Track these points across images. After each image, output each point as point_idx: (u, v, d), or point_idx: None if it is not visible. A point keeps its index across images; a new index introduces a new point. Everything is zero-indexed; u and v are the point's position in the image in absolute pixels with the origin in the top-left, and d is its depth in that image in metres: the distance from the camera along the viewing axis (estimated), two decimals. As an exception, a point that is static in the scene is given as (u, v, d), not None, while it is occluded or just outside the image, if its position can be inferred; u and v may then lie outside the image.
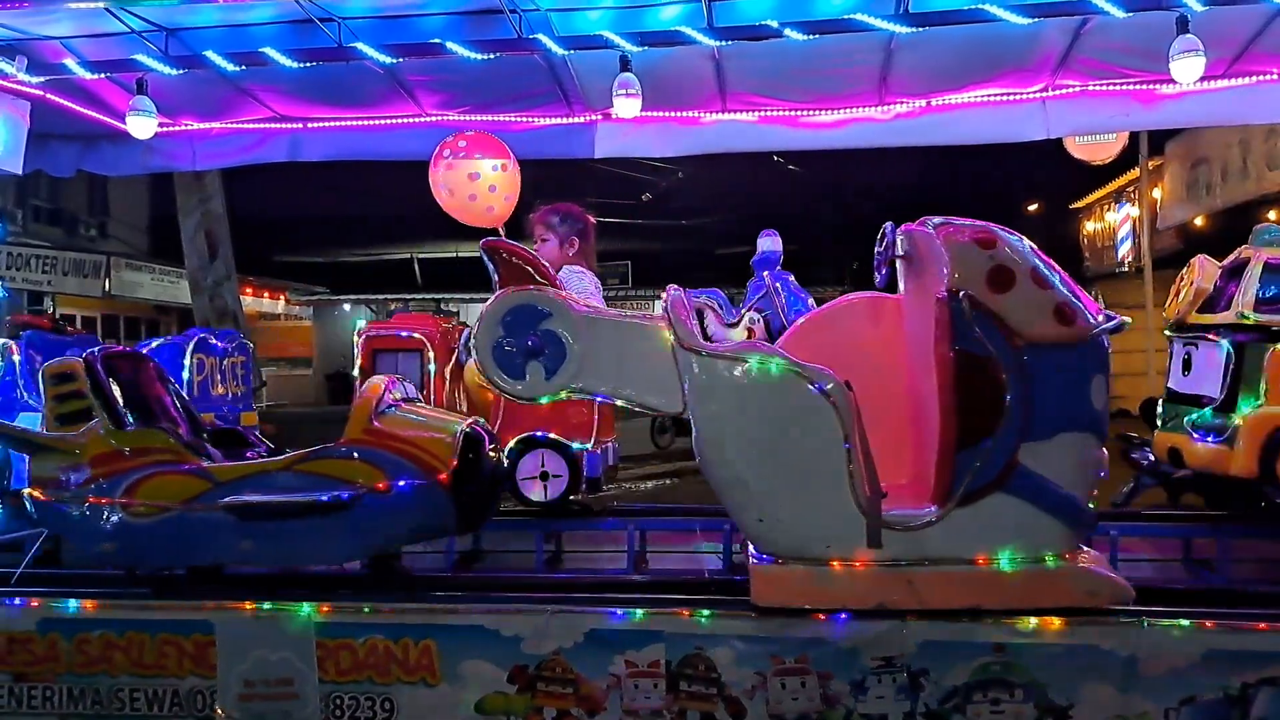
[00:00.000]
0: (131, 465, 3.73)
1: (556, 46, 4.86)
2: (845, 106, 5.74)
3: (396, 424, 3.74)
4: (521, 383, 3.42)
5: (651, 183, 28.64)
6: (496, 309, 3.45)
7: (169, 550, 3.78)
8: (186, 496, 3.69)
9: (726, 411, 3.36)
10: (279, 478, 3.69)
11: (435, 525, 3.80)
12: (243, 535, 3.68)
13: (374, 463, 3.64)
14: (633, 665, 3.48)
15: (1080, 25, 4.92)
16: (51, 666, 3.73)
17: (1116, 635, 3.31)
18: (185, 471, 3.73)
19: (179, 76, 5.17)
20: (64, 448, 3.78)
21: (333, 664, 3.58)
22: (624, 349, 3.46)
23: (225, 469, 3.77)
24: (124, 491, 3.70)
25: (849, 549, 3.32)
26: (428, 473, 3.62)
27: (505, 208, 5.68)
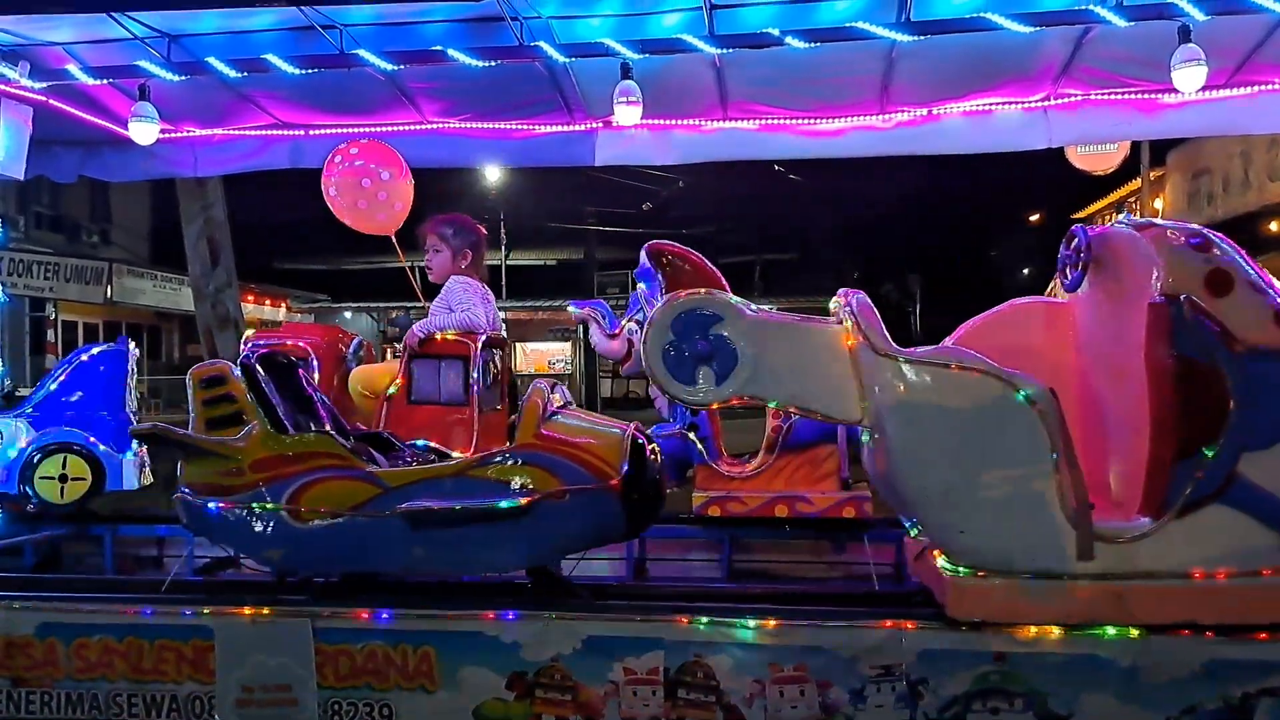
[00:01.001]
0: (296, 470, 3.67)
1: (558, 54, 4.86)
2: (846, 115, 5.73)
3: (565, 429, 3.69)
4: (692, 388, 3.35)
5: (652, 192, 28.69)
6: (667, 313, 3.35)
7: (337, 557, 3.72)
8: (356, 502, 3.62)
9: (926, 420, 3.25)
10: (450, 483, 3.63)
11: (606, 531, 3.74)
12: (415, 542, 3.62)
13: (547, 468, 3.58)
14: (631, 672, 3.48)
15: (1082, 34, 4.92)
16: (50, 671, 3.73)
17: (1117, 645, 3.30)
18: (354, 477, 3.67)
19: (181, 83, 5.17)
20: (224, 452, 3.71)
21: (331, 670, 3.58)
22: (797, 354, 3.37)
23: (395, 474, 3.70)
24: (289, 497, 3.64)
25: (1057, 562, 3.21)
26: (600, 478, 3.57)
27: (396, 216, 5.64)
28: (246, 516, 3.67)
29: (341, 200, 5.58)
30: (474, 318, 4.76)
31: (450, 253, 5.05)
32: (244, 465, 3.69)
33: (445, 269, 5.05)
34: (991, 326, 3.91)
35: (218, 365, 3.88)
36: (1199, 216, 16.20)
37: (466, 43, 4.91)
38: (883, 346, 3.28)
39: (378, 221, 5.66)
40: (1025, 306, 4.02)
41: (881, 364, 3.26)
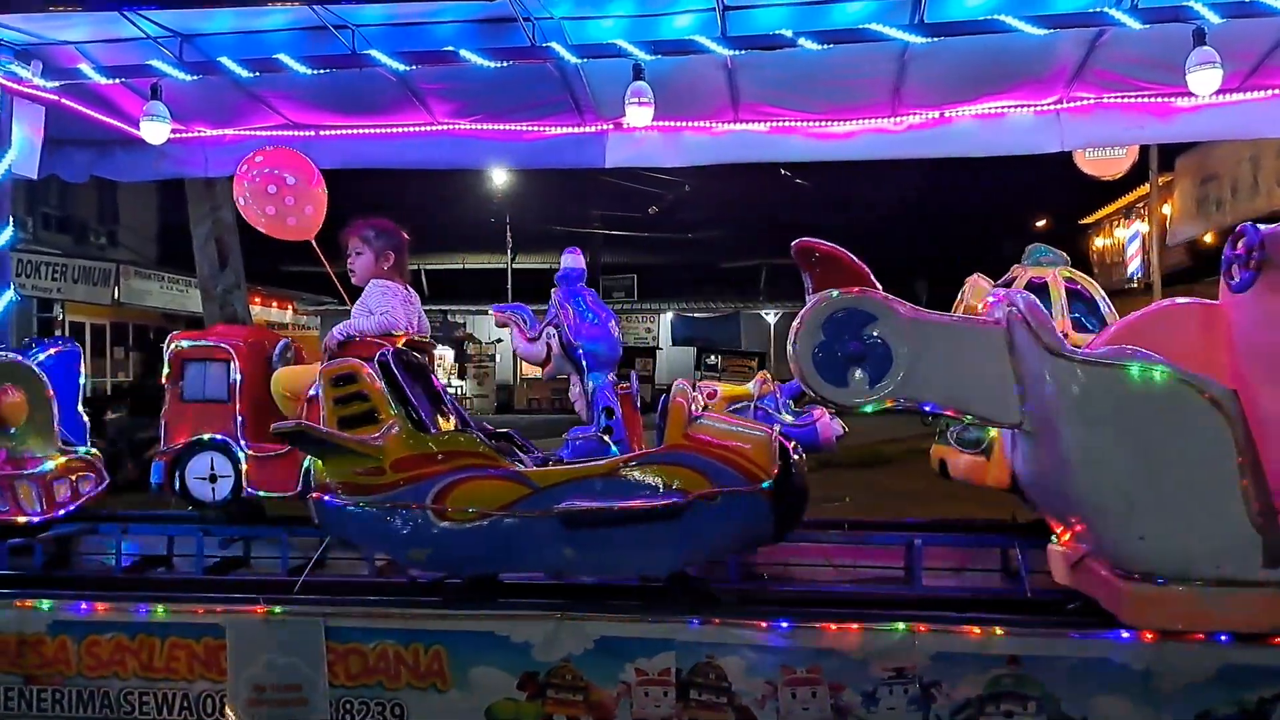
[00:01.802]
0: (441, 469, 3.62)
1: (569, 55, 4.86)
2: (858, 117, 5.72)
3: (714, 431, 3.63)
4: (843, 390, 3.25)
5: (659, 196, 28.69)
6: (819, 312, 3.26)
7: (486, 558, 3.65)
8: (504, 502, 3.57)
9: (1104, 423, 3.14)
10: (601, 483, 3.56)
11: (756, 535, 3.67)
12: (567, 543, 3.55)
13: (698, 470, 3.51)
14: (643, 673, 3.47)
15: (1096, 37, 4.92)
16: (61, 669, 3.73)
17: (1131, 649, 3.29)
18: (501, 476, 3.61)
19: (192, 83, 5.18)
20: (364, 451, 3.64)
21: (343, 669, 3.58)
22: (955, 355, 3.28)
23: (544, 474, 3.64)
24: (435, 497, 3.58)
25: (1243, 569, 3.11)
26: (751, 481, 3.49)
27: (307, 221, 5.60)
28: (389, 516, 3.61)
29: (251, 208, 5.56)
30: (393, 320, 4.76)
31: (372, 255, 5.04)
32: (384, 464, 3.62)
33: (367, 272, 5.05)
34: (1143, 327, 3.79)
35: (349, 363, 3.82)
36: (1208, 222, 16.16)
37: (478, 43, 4.91)
38: (1057, 346, 3.16)
39: (289, 227, 5.62)
40: (1179, 307, 3.91)
41: (1055, 365, 3.15)
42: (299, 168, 5.57)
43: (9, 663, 3.76)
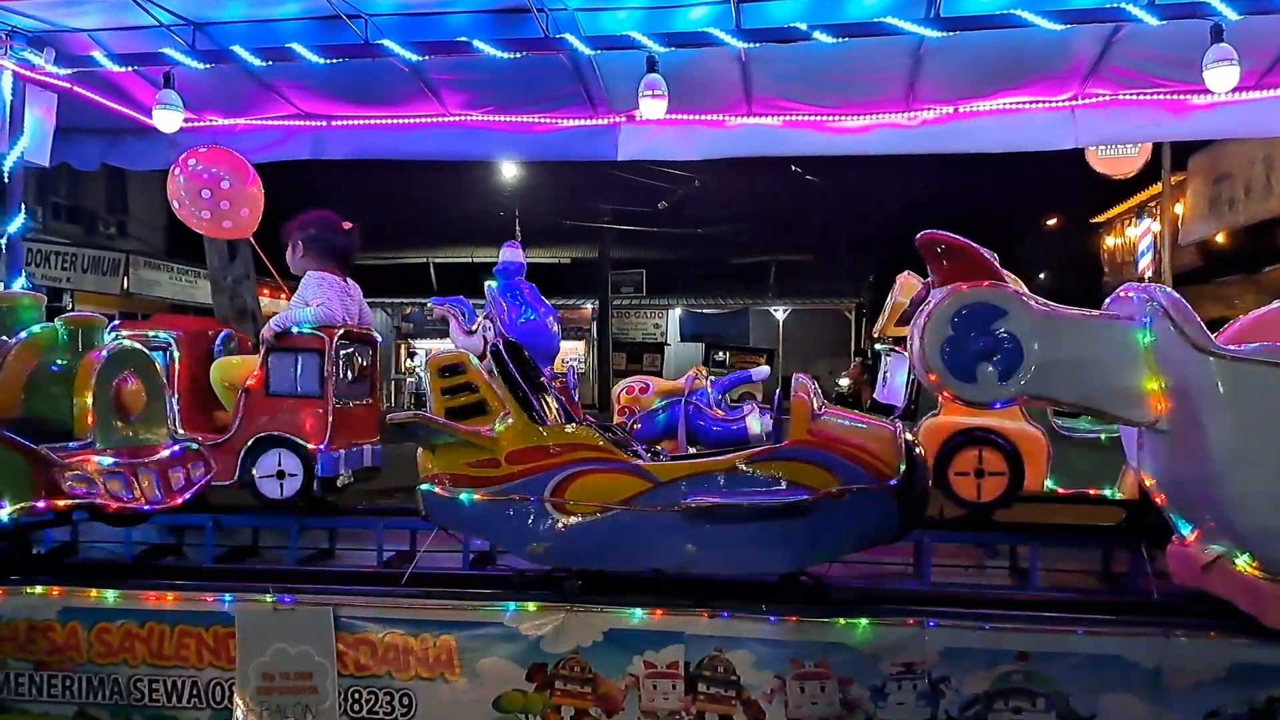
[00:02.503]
0: (558, 462, 3.58)
1: (583, 46, 4.85)
2: (872, 112, 5.71)
3: (838, 427, 3.56)
4: (972, 386, 3.15)
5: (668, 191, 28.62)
6: (948, 306, 3.17)
7: (606, 552, 3.59)
8: (624, 496, 3.52)
9: (1258, 422, 3.04)
10: (725, 478, 3.51)
11: (881, 533, 3.61)
12: (690, 539, 3.50)
13: (825, 466, 3.46)
14: (651, 666, 3.46)
15: (1112, 33, 4.89)
16: (72, 656, 3.74)
17: (1142, 647, 3.27)
18: (622, 470, 3.57)
19: (204, 72, 5.19)
20: (479, 442, 3.60)
21: (352, 658, 3.58)
22: (1088, 351, 3.19)
23: (665, 468, 3.59)
24: (553, 489, 3.55)
25: None
26: (878, 478, 3.44)
27: (244, 221, 5.61)
28: (506, 509, 3.58)
29: (185, 210, 5.58)
30: (329, 312, 4.78)
31: (304, 248, 5.07)
32: (499, 456, 3.59)
33: (294, 264, 5.11)
34: (1265, 325, 3.63)
35: (456, 354, 3.79)
36: (1220, 222, 16.10)
37: (491, 34, 4.91)
38: (1204, 344, 3.07)
39: (224, 228, 5.66)
40: None
41: (1204, 362, 3.06)
42: (234, 168, 5.56)
43: (19, 649, 3.77)
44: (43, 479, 3.72)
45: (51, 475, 3.73)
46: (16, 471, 3.71)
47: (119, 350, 4.10)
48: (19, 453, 3.72)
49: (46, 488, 3.73)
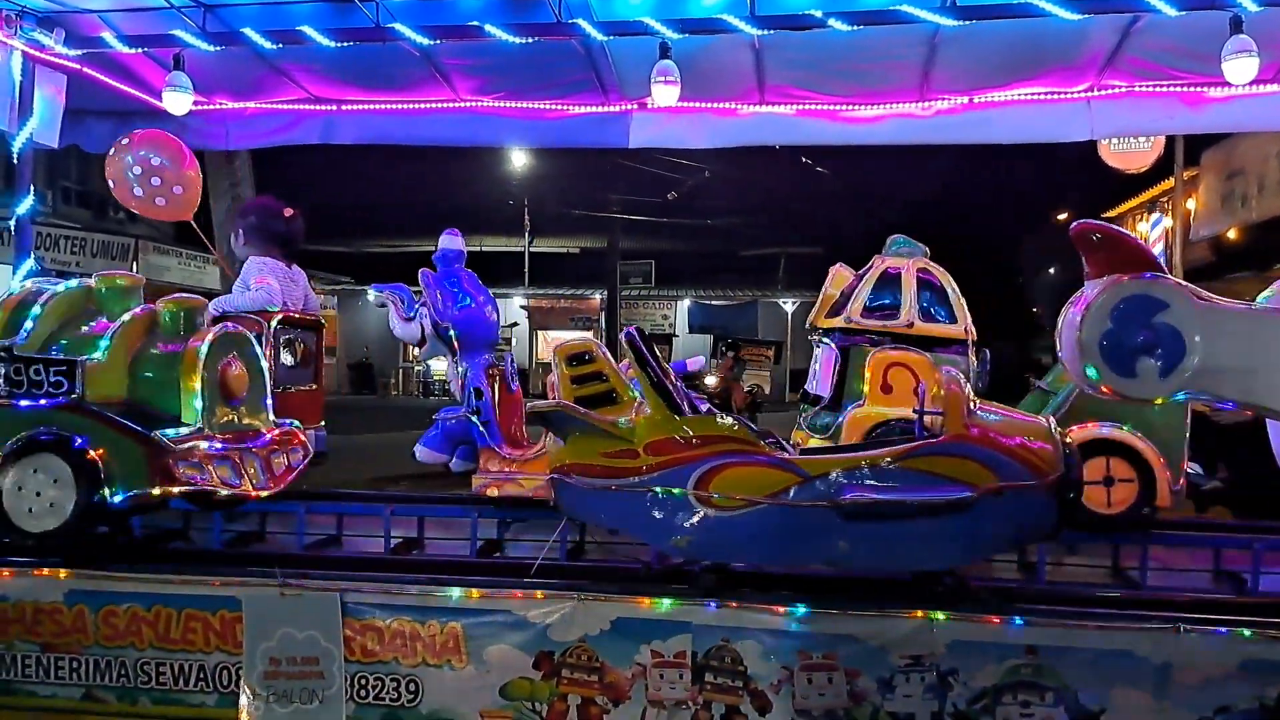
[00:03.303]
0: (701, 454, 3.47)
1: (596, 32, 4.82)
2: (886, 102, 5.66)
3: (996, 423, 3.47)
4: (1132, 382, 3.03)
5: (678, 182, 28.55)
6: (1107, 299, 3.05)
7: (752, 546, 3.50)
8: (772, 490, 3.42)
9: None
10: (879, 474, 3.40)
11: (1038, 530, 3.54)
12: (843, 534, 3.39)
13: (984, 462, 3.35)
14: (659, 655, 3.46)
15: (1130, 23, 4.84)
16: (79, 638, 3.74)
17: (1151, 642, 3.25)
18: (768, 463, 3.46)
19: (215, 55, 5.18)
20: (617, 433, 3.51)
21: (359, 644, 3.57)
22: (1254, 346, 3.04)
23: (814, 462, 3.49)
24: (697, 482, 3.43)
25: None
26: (1037, 475, 3.35)
27: (180, 201, 5.65)
28: (647, 501, 3.47)
29: (120, 190, 5.63)
30: (269, 296, 4.84)
31: (246, 234, 5.19)
32: (638, 447, 3.49)
33: (237, 247, 5.22)
34: None
35: (584, 342, 3.73)
36: (1232, 218, 15.99)
37: (503, 18, 4.89)
38: None
39: (158, 208, 5.70)
40: None
41: None
42: (170, 150, 5.61)
43: (26, 630, 3.77)
44: (157, 466, 3.72)
45: (165, 462, 3.72)
46: (132, 458, 3.72)
47: (224, 334, 4.08)
48: (134, 439, 3.72)
49: (161, 474, 3.73)
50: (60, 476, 3.74)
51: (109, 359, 3.91)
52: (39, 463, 3.76)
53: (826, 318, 4.99)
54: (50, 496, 3.74)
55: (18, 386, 3.84)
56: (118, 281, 4.22)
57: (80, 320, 4.07)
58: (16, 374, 3.84)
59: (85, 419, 3.78)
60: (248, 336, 4.24)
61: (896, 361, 4.67)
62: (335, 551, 4.54)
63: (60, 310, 4.05)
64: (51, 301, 4.03)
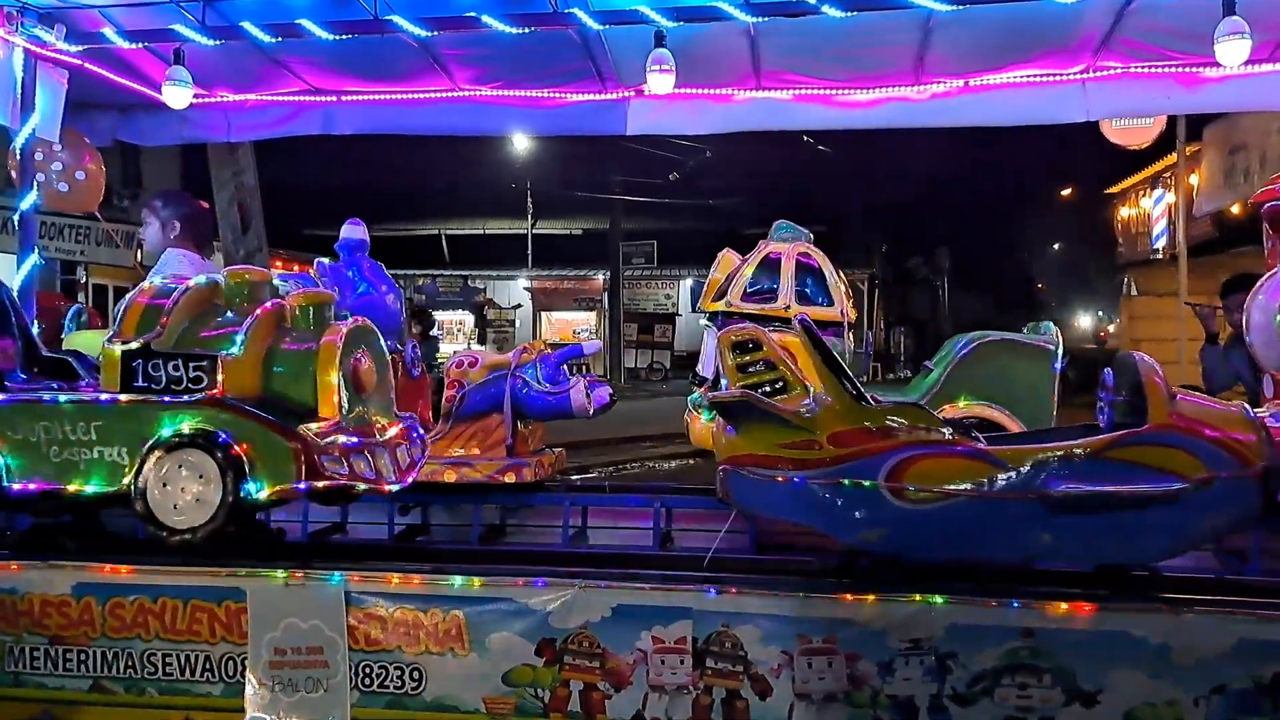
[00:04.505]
0: (890, 445, 3.36)
1: (591, 21, 4.83)
2: (881, 85, 5.67)
3: (1198, 410, 3.38)
4: None
5: (679, 162, 28.52)
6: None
7: (949, 541, 3.39)
8: (971, 482, 3.31)
9: None
10: (1084, 465, 3.29)
11: (1246, 520, 3.42)
12: (1045, 528, 3.30)
13: (1191, 452, 3.26)
14: (660, 641, 3.49)
15: (1124, 5, 4.84)
16: (86, 630, 3.78)
17: (1148, 623, 3.29)
18: (965, 454, 3.35)
19: (215, 48, 5.19)
20: (798, 423, 3.41)
21: (362, 633, 3.62)
22: None
23: (1014, 453, 3.37)
24: (889, 474, 3.32)
25: None
26: (1245, 464, 3.26)
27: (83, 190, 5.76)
28: (834, 493, 3.36)
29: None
30: None
31: (159, 225, 5.15)
32: (820, 438, 3.39)
33: (156, 241, 5.18)
34: None
35: (749, 329, 3.64)
36: (1235, 194, 15.93)
37: (501, 9, 4.90)
38: None
39: (63, 196, 5.77)
40: None
41: None
42: (70, 142, 5.67)
43: (34, 623, 3.82)
44: (303, 460, 3.65)
45: (310, 456, 3.66)
46: (278, 452, 3.65)
47: (355, 327, 4.03)
48: (281, 434, 3.67)
49: (307, 468, 3.66)
50: (206, 472, 3.68)
51: (245, 353, 3.85)
52: (184, 458, 3.70)
53: (712, 302, 5.08)
54: (195, 492, 3.69)
55: (156, 383, 3.81)
56: (245, 276, 4.16)
57: (209, 316, 4.01)
58: (155, 370, 3.81)
59: (229, 414, 3.72)
60: (374, 331, 4.18)
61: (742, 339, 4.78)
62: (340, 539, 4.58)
63: (191, 306, 3.98)
64: (183, 298, 3.96)
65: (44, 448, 3.85)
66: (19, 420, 3.89)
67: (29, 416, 3.88)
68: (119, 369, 3.84)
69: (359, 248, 4.86)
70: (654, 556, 4.09)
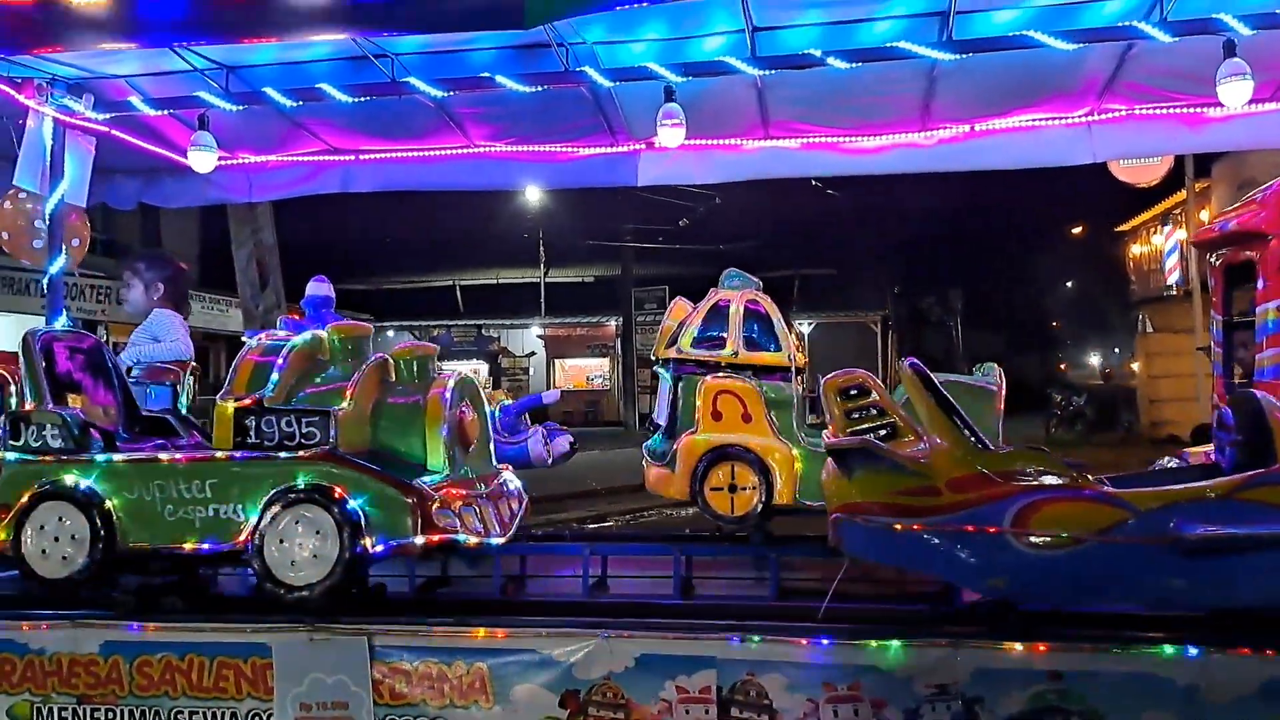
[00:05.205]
0: (1016, 489, 3.32)
1: (602, 79, 4.93)
2: (888, 132, 5.74)
3: None
4: None
5: (690, 208, 28.71)
6: None
7: (1079, 586, 3.35)
8: (1101, 527, 3.26)
9: None
10: (1217, 507, 3.23)
11: None
12: (1178, 572, 3.23)
13: None
14: (684, 691, 3.49)
15: (1125, 50, 4.91)
16: (114, 689, 3.81)
17: (1176, 664, 3.27)
18: (1093, 498, 3.32)
19: (237, 112, 5.31)
20: (916, 469, 3.40)
21: (387, 687, 3.63)
22: None
23: (1144, 496, 3.34)
24: (1014, 520, 3.28)
25: None
26: None
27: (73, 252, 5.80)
28: (958, 540, 3.33)
29: (14, 242, 5.79)
30: (181, 348, 5.16)
31: (143, 286, 5.44)
32: (939, 483, 3.37)
33: (139, 301, 5.46)
34: None
35: (856, 374, 3.66)
36: (1246, 228, 15.94)
37: (513, 69, 5.00)
38: None
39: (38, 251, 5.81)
40: None
41: None
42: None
43: (61, 683, 3.84)
44: (420, 514, 3.70)
45: (428, 510, 3.71)
46: (396, 508, 3.70)
47: (460, 380, 4.12)
48: (396, 488, 3.72)
49: (424, 522, 3.71)
50: (323, 527, 3.72)
51: (354, 408, 3.92)
52: (301, 514, 3.74)
53: (665, 349, 5.23)
54: (313, 548, 3.72)
55: (269, 439, 3.86)
56: (350, 331, 4.26)
57: (314, 371, 4.09)
58: (268, 426, 3.86)
59: (345, 468, 3.77)
60: (476, 383, 4.26)
61: (725, 389, 4.98)
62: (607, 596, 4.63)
63: (299, 362, 4.06)
64: (291, 354, 4.04)
65: (159, 506, 3.90)
66: (133, 479, 3.95)
67: (143, 475, 3.95)
68: (231, 426, 3.89)
69: (324, 303, 5.02)
70: (676, 606, 4.09)
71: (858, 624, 3.61)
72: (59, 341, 4.49)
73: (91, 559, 3.93)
